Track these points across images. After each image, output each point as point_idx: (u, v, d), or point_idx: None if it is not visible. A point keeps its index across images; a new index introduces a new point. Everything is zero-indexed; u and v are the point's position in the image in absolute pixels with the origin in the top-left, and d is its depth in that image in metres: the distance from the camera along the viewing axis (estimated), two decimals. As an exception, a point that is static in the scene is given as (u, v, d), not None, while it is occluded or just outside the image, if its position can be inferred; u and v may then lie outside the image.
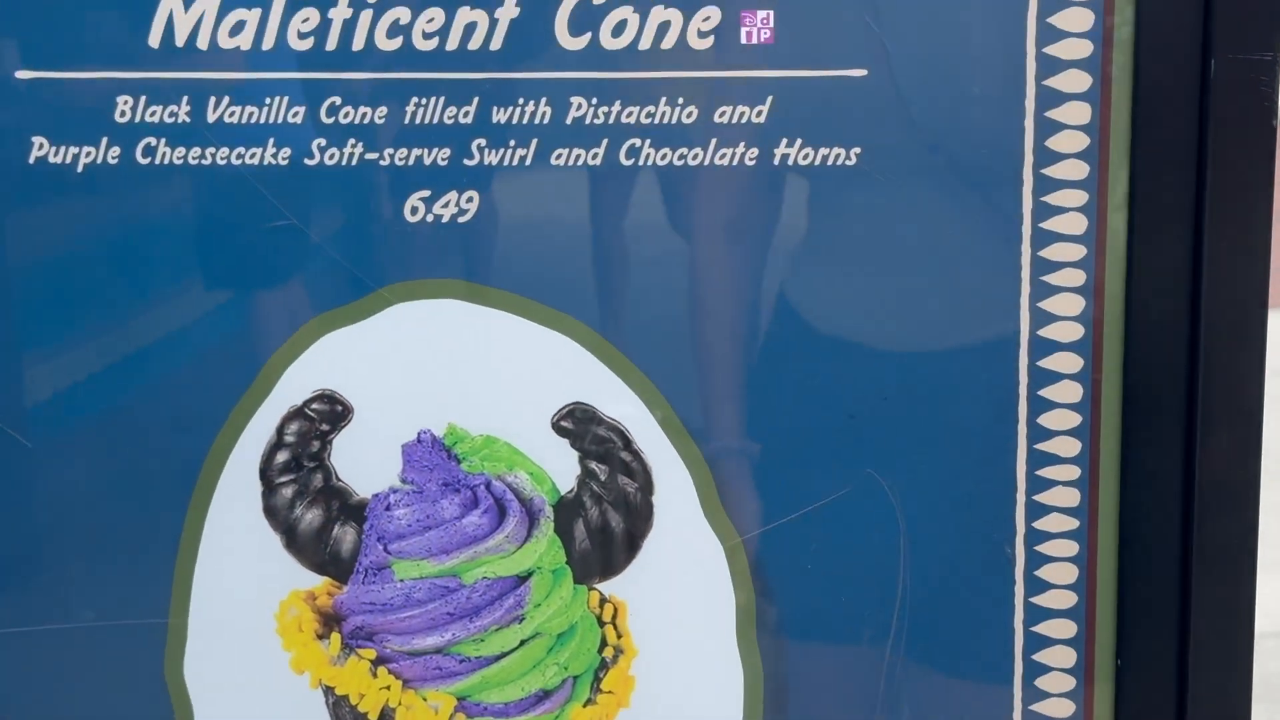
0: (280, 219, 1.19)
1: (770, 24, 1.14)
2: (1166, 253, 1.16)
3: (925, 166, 1.17)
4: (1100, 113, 1.15)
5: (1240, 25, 1.13)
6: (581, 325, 1.21)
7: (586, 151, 1.17)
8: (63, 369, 1.22)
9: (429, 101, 1.16)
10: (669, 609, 1.25)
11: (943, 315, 1.20)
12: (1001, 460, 1.21)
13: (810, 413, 1.21)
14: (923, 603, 1.23)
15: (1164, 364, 1.18)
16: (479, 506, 1.22)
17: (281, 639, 1.26)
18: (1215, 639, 1.20)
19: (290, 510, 1.23)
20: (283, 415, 1.23)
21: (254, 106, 1.17)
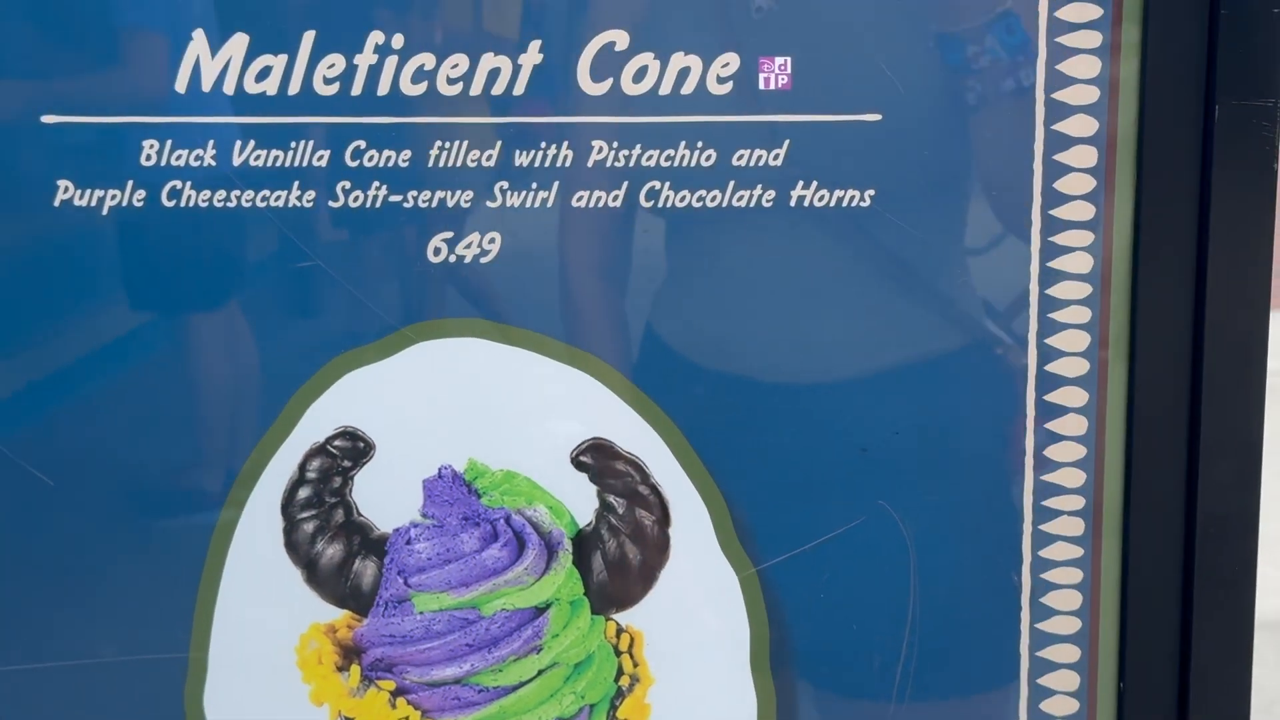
0: (305, 260, 1.20)
1: (788, 70, 1.16)
2: (1170, 292, 1.19)
3: (938, 208, 1.19)
4: (1106, 157, 1.17)
5: (1242, 72, 1.15)
6: (601, 362, 1.22)
7: (607, 194, 1.19)
8: (85, 407, 1.23)
9: (452, 145, 1.18)
10: (684, 638, 1.26)
11: (953, 351, 1.22)
12: (1009, 491, 1.23)
13: (824, 447, 1.23)
14: (932, 630, 1.25)
15: (1167, 399, 1.21)
16: (499, 540, 1.24)
17: (301, 671, 1.26)
18: (1216, 666, 1.23)
19: (311, 545, 1.25)
20: (305, 452, 1.23)
21: (279, 150, 1.18)
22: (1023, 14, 1.16)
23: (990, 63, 1.17)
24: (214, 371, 1.22)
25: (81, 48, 1.17)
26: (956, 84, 1.17)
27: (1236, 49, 1.15)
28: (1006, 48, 1.17)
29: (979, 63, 1.17)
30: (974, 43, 1.17)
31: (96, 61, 1.17)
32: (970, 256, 1.21)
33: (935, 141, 1.18)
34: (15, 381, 1.22)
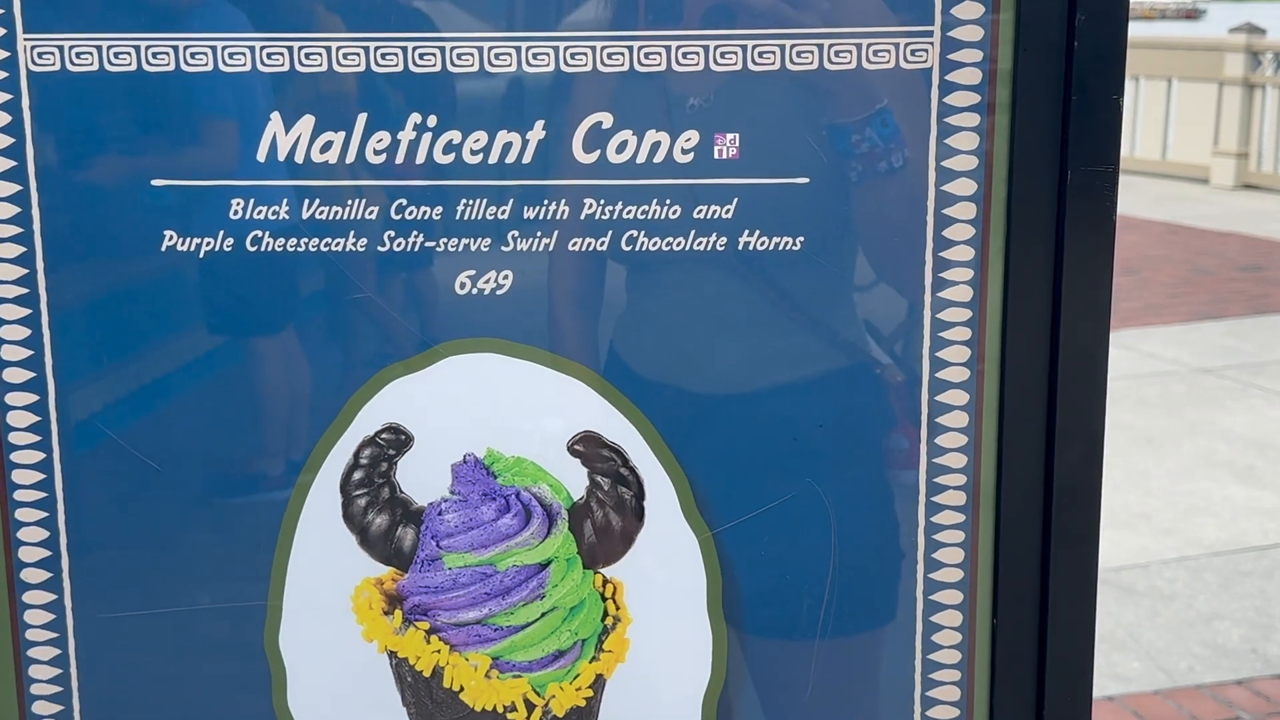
0: (358, 293, 1.20)
1: (736, 144, 1.18)
2: (1032, 317, 1.20)
3: (852, 251, 1.20)
4: (983, 212, 1.19)
5: (1088, 146, 1.17)
6: (590, 371, 1.23)
7: (596, 240, 1.19)
8: (185, 407, 1.23)
9: (475, 202, 1.18)
10: (656, 587, 1.27)
11: (864, 362, 1.23)
12: (907, 471, 1.24)
13: (765, 437, 1.24)
14: (847, 580, 1.26)
15: (1029, 399, 1.22)
16: (510, 511, 1.24)
17: (355, 615, 1.27)
18: (1067, 602, 1.24)
19: (363, 516, 1.25)
20: (359, 443, 1.24)
21: (338, 206, 1.18)
22: (917, 101, 1.17)
23: (893, 137, 1.18)
24: (285, 380, 1.23)
25: (183, 127, 1.17)
26: (867, 154, 1.19)
27: (1084, 127, 1.17)
28: (905, 127, 1.18)
29: (884, 138, 1.18)
30: (880, 122, 1.18)
31: (195, 137, 1.17)
32: (877, 289, 1.22)
33: (851, 199, 1.20)
34: (129, 388, 1.22)
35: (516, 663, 1.27)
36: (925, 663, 1.27)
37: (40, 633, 1.26)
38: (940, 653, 1.27)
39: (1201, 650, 4.03)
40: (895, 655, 1.27)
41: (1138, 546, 4.82)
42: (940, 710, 1.27)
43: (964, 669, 1.27)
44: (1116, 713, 3.69)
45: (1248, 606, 4.31)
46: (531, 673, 1.27)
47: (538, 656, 1.26)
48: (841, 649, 1.28)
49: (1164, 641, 4.09)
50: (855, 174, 1.19)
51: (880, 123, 1.18)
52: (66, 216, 1.19)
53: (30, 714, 1.27)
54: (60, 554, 1.24)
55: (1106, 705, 3.73)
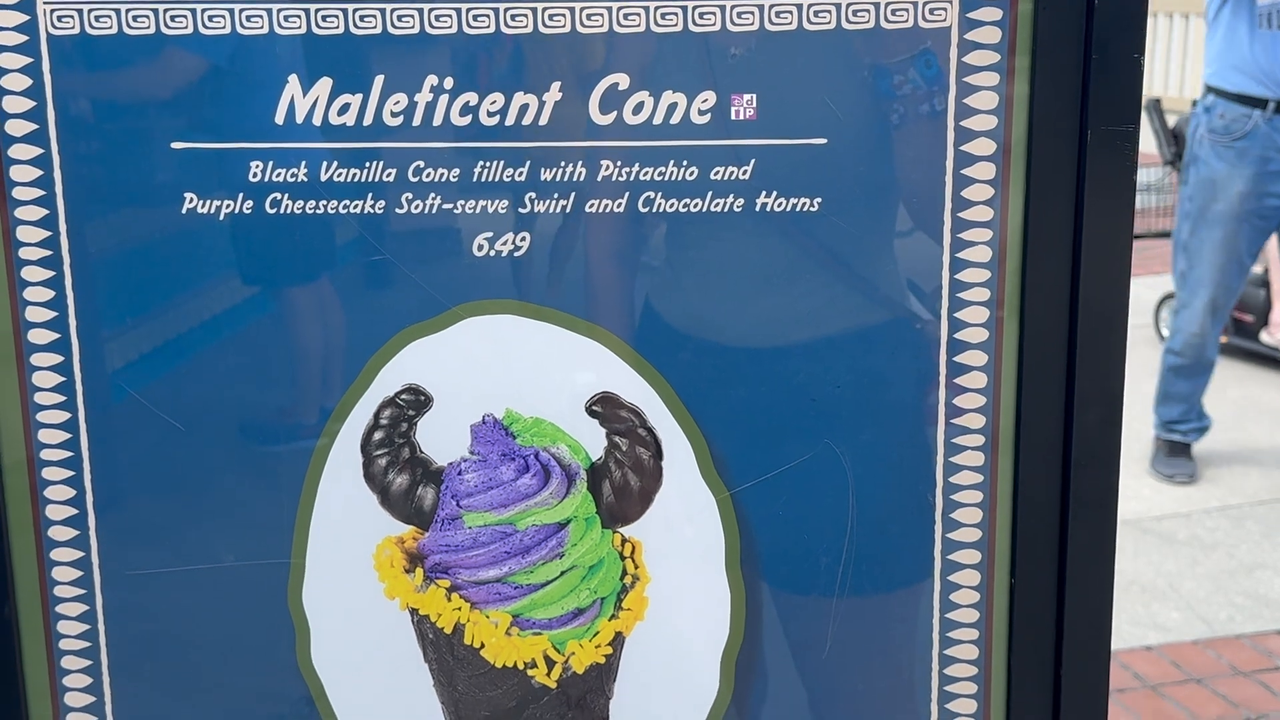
0: (377, 255, 1.21)
1: (753, 104, 1.18)
2: (1051, 276, 1.20)
3: (870, 212, 1.21)
4: (1002, 171, 1.19)
5: (1108, 104, 1.17)
6: (608, 333, 1.24)
7: (612, 201, 1.20)
8: (206, 369, 1.25)
9: (492, 164, 1.19)
10: (674, 546, 1.28)
11: (882, 322, 1.23)
12: (925, 431, 1.25)
13: (782, 397, 1.24)
14: (865, 539, 1.27)
15: (1048, 359, 1.22)
16: (530, 471, 1.26)
17: (378, 573, 1.29)
18: (1085, 563, 1.25)
19: (385, 476, 1.26)
20: (379, 404, 1.25)
21: (356, 169, 1.19)
22: (938, 57, 1.17)
23: (911, 96, 1.18)
24: (306, 342, 1.24)
25: (202, 90, 1.18)
26: (885, 113, 1.19)
27: (1104, 86, 1.16)
28: (924, 84, 1.18)
29: (903, 96, 1.18)
30: (898, 81, 1.18)
31: (214, 100, 1.18)
32: (895, 249, 1.22)
33: (869, 159, 1.20)
34: (152, 349, 1.24)
35: (536, 620, 1.28)
36: (943, 621, 1.28)
37: (68, 589, 1.29)
38: (958, 611, 1.28)
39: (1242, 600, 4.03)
40: (913, 614, 1.28)
41: (1181, 495, 4.80)
42: (958, 669, 1.29)
43: (982, 628, 1.28)
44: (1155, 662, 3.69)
45: (1290, 556, 4.29)
46: (551, 630, 1.29)
47: (557, 614, 1.28)
48: (860, 607, 1.29)
49: (1204, 591, 4.09)
50: (874, 134, 1.19)
51: (899, 83, 1.18)
52: (88, 179, 1.20)
53: (59, 668, 1.30)
54: (87, 512, 1.27)
55: (1145, 655, 3.74)
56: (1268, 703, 3.46)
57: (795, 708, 1.32)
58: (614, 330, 1.23)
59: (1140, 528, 4.52)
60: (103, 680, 1.31)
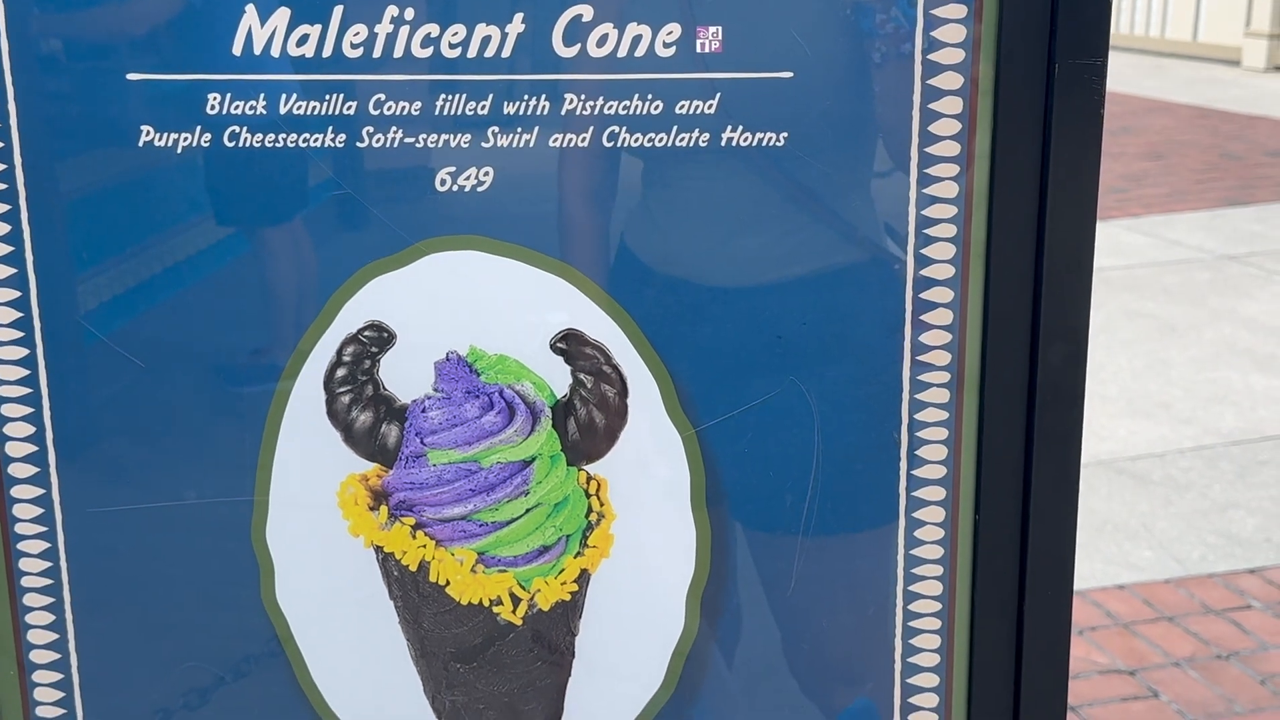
0: (338, 190, 1.20)
1: (719, 37, 1.16)
2: (1018, 212, 1.20)
3: (837, 147, 1.20)
4: (969, 106, 1.18)
5: (1076, 37, 1.16)
6: (573, 270, 1.23)
7: (577, 136, 1.19)
8: (163, 306, 1.24)
9: (454, 97, 1.18)
10: (640, 484, 1.28)
11: (848, 259, 1.23)
12: (891, 368, 1.25)
13: (748, 334, 1.24)
14: (831, 476, 1.27)
15: (1014, 296, 1.22)
16: (494, 409, 1.26)
17: (341, 510, 1.28)
18: (1048, 500, 1.26)
19: (348, 413, 1.26)
20: (341, 340, 1.24)
21: (316, 102, 1.18)
22: (905, -8, 1.16)
23: (878, 30, 1.17)
24: (267, 278, 1.23)
25: (157, 20, 1.16)
26: (852, 48, 1.18)
27: (1072, 18, 1.16)
28: (892, 19, 1.17)
29: (869, 30, 1.17)
30: (865, 14, 1.17)
31: (170, 31, 1.16)
32: (862, 185, 1.21)
33: (835, 94, 1.19)
34: (111, 285, 1.23)
35: (502, 557, 1.29)
36: (908, 558, 1.29)
37: (29, 526, 1.28)
38: (923, 548, 1.29)
39: (1215, 539, 4.06)
40: (878, 550, 1.29)
41: (1156, 435, 4.83)
42: (922, 604, 1.29)
43: (946, 564, 1.28)
44: (1127, 601, 3.73)
45: (1263, 496, 4.32)
46: (517, 567, 1.29)
47: (523, 551, 1.29)
48: (825, 544, 1.29)
49: (1177, 530, 4.12)
50: (840, 69, 1.18)
51: (865, 16, 1.17)
52: (43, 113, 1.19)
53: (21, 605, 1.30)
54: (47, 449, 1.26)
55: (1118, 593, 3.77)
56: (1238, 640, 3.50)
57: (762, 643, 1.33)
58: (579, 267, 1.23)
59: (1114, 468, 4.55)
60: (66, 619, 1.31)
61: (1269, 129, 9.83)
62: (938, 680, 1.31)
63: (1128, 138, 9.72)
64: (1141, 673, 3.36)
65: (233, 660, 1.33)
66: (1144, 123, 10.25)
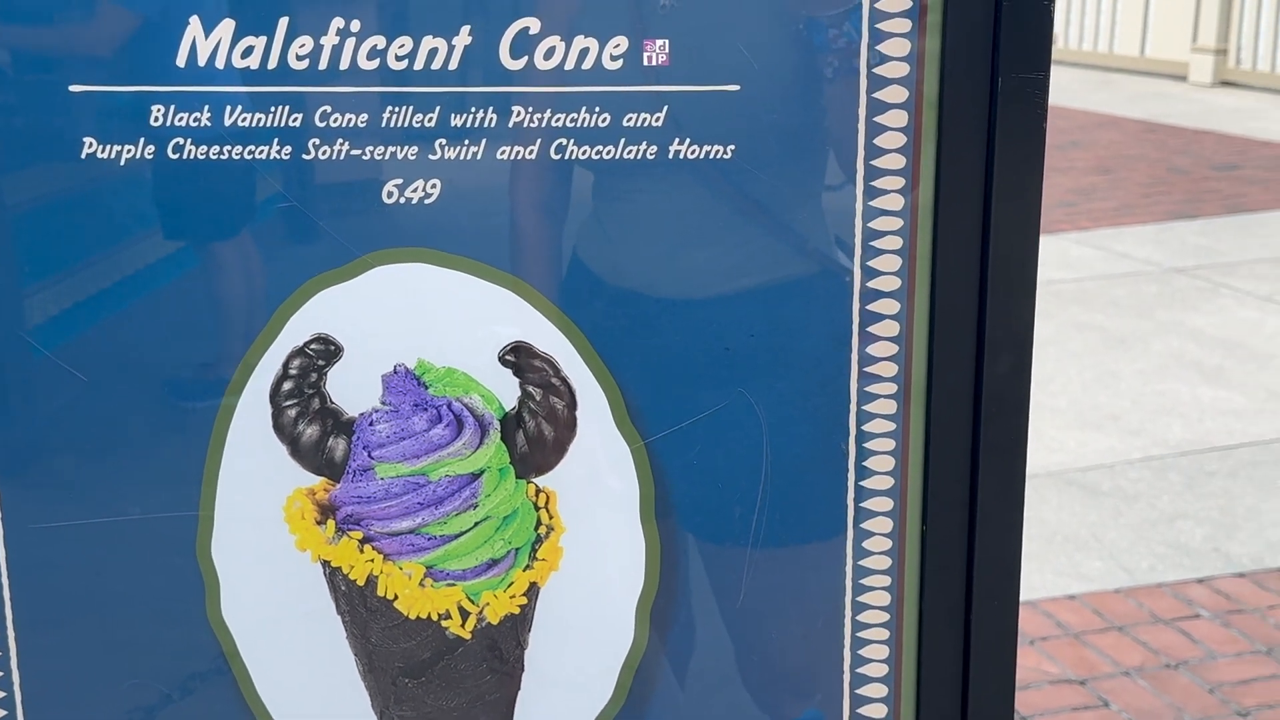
0: (284, 202, 1.19)
1: (666, 50, 1.17)
2: (963, 224, 1.21)
3: (783, 160, 1.20)
4: (914, 119, 1.19)
5: (1019, 51, 1.17)
6: (522, 282, 1.23)
7: (524, 148, 1.19)
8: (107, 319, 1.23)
9: (401, 110, 1.18)
10: (589, 496, 1.28)
11: (795, 271, 1.24)
12: (838, 380, 1.25)
13: (697, 346, 1.24)
14: (780, 486, 1.28)
15: (960, 307, 1.23)
16: (442, 421, 1.25)
17: (288, 525, 1.28)
18: (995, 510, 1.27)
19: (294, 427, 1.25)
20: (288, 354, 1.24)
21: (261, 114, 1.17)
22: (849, 5, 1.16)
23: (824, 43, 1.18)
24: (212, 291, 1.23)
25: (102, 31, 1.16)
26: (799, 61, 1.19)
27: (1015, 33, 1.17)
28: (838, 33, 1.17)
29: (815, 44, 1.18)
30: (811, 27, 1.17)
31: (113, 42, 1.16)
32: (809, 198, 1.22)
33: (782, 107, 1.19)
34: (53, 297, 1.22)
35: (450, 571, 1.28)
36: (856, 569, 1.29)
37: (-30, 544, 1.27)
38: (871, 559, 1.29)
39: (1164, 549, 4.10)
40: (827, 561, 1.29)
41: (1105, 447, 4.87)
42: (870, 615, 1.30)
43: (894, 575, 1.29)
44: (1078, 611, 3.76)
45: (1211, 506, 4.37)
46: (465, 581, 1.28)
47: (471, 565, 1.28)
48: (774, 556, 1.30)
49: (1127, 541, 4.16)
50: (786, 81, 1.19)
51: (812, 29, 1.17)
52: (-16, 124, 1.18)
53: (-38, 624, 1.28)
54: (-12, 465, 1.25)
55: (1068, 603, 3.80)
56: (1187, 650, 3.54)
57: (711, 655, 1.33)
58: (527, 279, 1.23)
59: (1064, 479, 4.59)
60: (8, 636, 1.29)
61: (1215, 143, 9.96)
62: (886, 690, 1.31)
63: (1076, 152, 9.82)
64: (1092, 682, 3.39)
65: (178, 677, 1.31)
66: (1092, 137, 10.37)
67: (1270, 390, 5.33)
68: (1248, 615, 3.70)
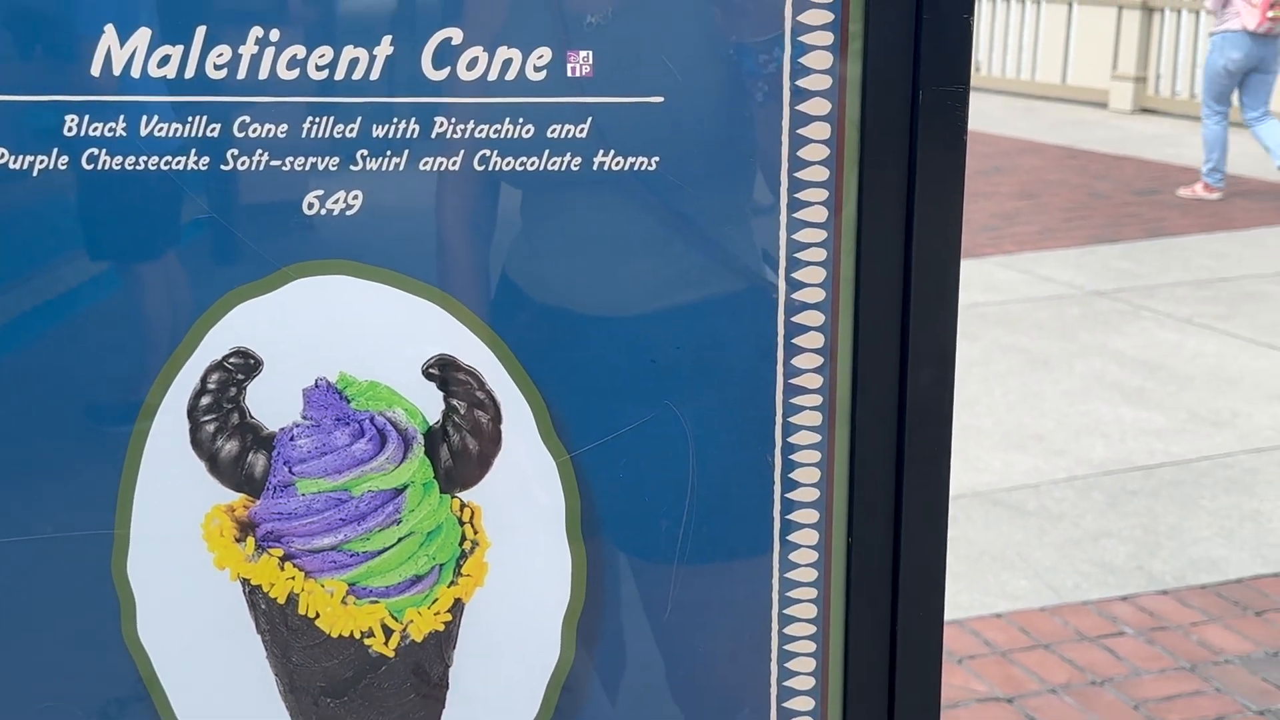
0: (202, 213, 1.18)
1: (590, 62, 1.17)
2: (886, 236, 1.22)
3: (708, 172, 1.20)
4: (837, 132, 1.20)
5: (940, 64, 1.18)
6: (442, 293, 1.22)
7: (447, 160, 1.18)
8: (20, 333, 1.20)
9: (322, 120, 1.17)
10: (514, 511, 1.27)
11: (721, 283, 1.24)
12: (764, 392, 1.25)
13: (623, 358, 1.24)
14: (706, 499, 1.28)
15: (884, 319, 1.23)
16: (365, 436, 1.24)
17: (207, 543, 1.25)
18: (919, 524, 1.27)
19: (213, 442, 1.23)
20: (206, 368, 1.22)
21: (179, 124, 1.16)
22: (771, 18, 1.17)
23: (747, 55, 1.18)
24: (128, 304, 1.20)
25: (14, 38, 1.14)
26: (722, 73, 1.19)
27: (935, 46, 1.18)
28: (760, 44, 1.18)
29: (739, 57, 1.18)
30: (734, 39, 1.18)
31: (26, 51, 1.14)
32: (734, 210, 1.22)
33: (706, 119, 1.20)
34: (-37, 312, 1.19)
35: (373, 588, 1.27)
36: (783, 581, 1.29)
37: (-125, 564, 1.23)
38: (797, 570, 1.29)
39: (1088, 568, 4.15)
40: (753, 574, 1.29)
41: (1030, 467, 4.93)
42: (797, 627, 1.30)
43: (820, 586, 1.29)
44: (1004, 629, 3.79)
45: (1134, 524, 4.43)
46: (389, 598, 1.27)
47: (395, 582, 1.27)
48: (701, 569, 1.29)
49: (1052, 560, 4.20)
50: (710, 94, 1.19)
51: (735, 41, 1.18)
52: (-108, 134, 1.15)
53: None
54: (-106, 484, 1.22)
55: (995, 622, 3.83)
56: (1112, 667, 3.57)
57: (638, 670, 1.32)
58: (451, 291, 1.22)
59: (991, 499, 4.63)
60: (-85, 660, 1.26)
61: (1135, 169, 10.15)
62: (813, 704, 1.31)
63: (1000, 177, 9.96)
64: (1019, 700, 3.41)
65: (95, 700, 1.28)
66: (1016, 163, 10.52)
67: (1190, 410, 5.42)
68: (1171, 632, 3.75)
